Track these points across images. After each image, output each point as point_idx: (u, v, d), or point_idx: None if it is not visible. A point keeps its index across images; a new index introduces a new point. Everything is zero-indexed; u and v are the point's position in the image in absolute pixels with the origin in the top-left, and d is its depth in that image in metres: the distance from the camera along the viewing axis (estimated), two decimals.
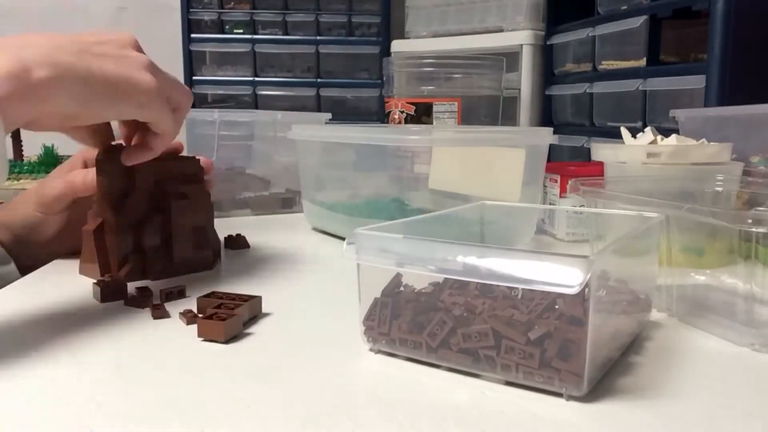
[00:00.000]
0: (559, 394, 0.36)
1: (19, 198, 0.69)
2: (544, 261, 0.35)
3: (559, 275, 0.34)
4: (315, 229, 0.88)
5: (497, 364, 0.37)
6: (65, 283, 0.60)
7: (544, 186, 0.85)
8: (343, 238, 0.47)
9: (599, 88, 1.51)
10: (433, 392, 0.38)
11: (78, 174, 0.64)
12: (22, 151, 1.65)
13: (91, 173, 0.62)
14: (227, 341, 0.45)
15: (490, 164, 0.74)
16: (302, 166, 0.92)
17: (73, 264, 0.65)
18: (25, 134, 1.86)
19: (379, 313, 0.42)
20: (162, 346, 0.45)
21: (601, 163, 0.76)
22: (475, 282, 0.40)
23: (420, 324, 0.40)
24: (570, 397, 0.36)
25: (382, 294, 0.43)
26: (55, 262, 0.67)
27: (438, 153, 0.72)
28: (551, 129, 0.80)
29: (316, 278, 0.63)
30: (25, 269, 0.65)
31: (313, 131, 0.88)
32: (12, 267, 0.66)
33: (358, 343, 0.44)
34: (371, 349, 0.43)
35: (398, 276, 0.43)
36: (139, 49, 0.53)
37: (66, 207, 0.65)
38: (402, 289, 0.43)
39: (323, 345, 0.45)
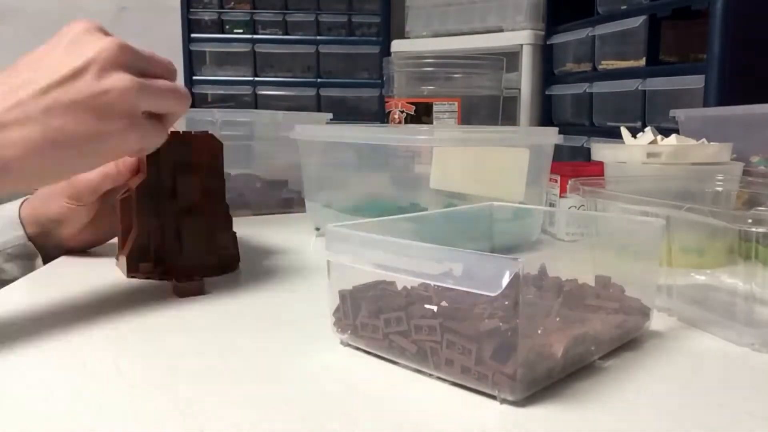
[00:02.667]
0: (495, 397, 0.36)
1: (48, 190, 0.66)
2: (471, 262, 0.35)
3: (484, 277, 0.34)
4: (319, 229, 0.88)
5: (441, 360, 0.37)
6: (71, 278, 0.60)
7: None
8: None
9: (599, 87, 1.51)
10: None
11: (111, 164, 0.62)
12: None
13: (124, 161, 0.62)
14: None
15: (493, 164, 0.74)
16: (307, 166, 0.92)
17: (73, 260, 0.64)
18: None
19: (344, 306, 0.43)
20: (159, 346, 0.45)
21: (601, 163, 0.76)
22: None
23: (378, 316, 0.41)
24: (504, 401, 0.35)
25: (352, 287, 0.43)
26: (59, 259, 0.67)
27: (440, 152, 0.72)
28: (556, 129, 0.79)
29: (316, 275, 0.63)
30: (47, 263, 0.66)
31: (318, 131, 0.88)
32: (39, 261, 0.67)
33: (331, 335, 0.45)
34: (341, 342, 0.44)
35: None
36: (105, 32, 0.47)
37: (97, 198, 0.65)
38: (376, 284, 0.44)
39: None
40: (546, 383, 0.37)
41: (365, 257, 0.41)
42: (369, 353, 0.43)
